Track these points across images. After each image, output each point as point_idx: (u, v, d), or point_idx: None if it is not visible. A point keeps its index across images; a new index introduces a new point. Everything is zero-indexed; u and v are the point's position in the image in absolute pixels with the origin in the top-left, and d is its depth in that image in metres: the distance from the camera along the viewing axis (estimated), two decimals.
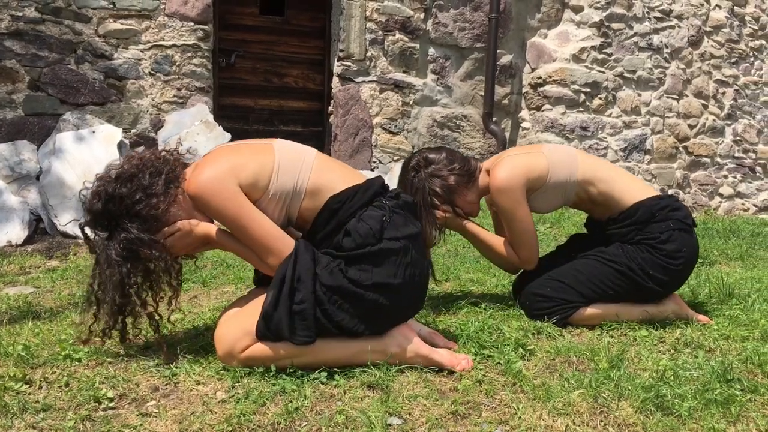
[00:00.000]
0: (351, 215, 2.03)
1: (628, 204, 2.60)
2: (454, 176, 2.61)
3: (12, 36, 5.21)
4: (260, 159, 2.03)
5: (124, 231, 1.98)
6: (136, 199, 1.98)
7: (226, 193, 1.94)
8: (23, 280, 3.45)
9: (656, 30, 6.94)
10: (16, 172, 4.97)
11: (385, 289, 1.96)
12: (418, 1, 6.24)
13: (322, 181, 2.05)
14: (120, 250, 1.98)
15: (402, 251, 2.00)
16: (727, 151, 7.37)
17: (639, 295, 2.57)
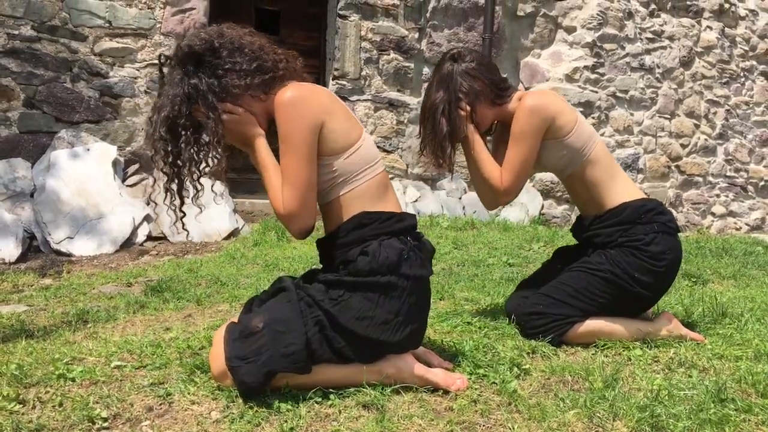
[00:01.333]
0: (374, 237, 2.02)
1: (616, 203, 2.61)
2: (487, 85, 2.57)
3: (8, 54, 5.23)
4: (351, 128, 2.03)
5: (198, 80, 1.99)
6: (229, 68, 2.00)
7: (304, 116, 1.94)
8: (16, 299, 3.44)
9: (648, 50, 7.01)
10: (11, 190, 4.96)
11: (385, 325, 1.96)
12: (413, 21, 6.30)
13: (371, 193, 2.06)
14: (184, 92, 1.99)
15: (409, 290, 2.00)
16: (719, 171, 7.42)
17: (628, 302, 2.57)
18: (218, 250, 4.87)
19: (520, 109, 2.55)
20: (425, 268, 2.07)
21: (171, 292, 3.44)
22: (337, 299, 1.95)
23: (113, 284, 3.77)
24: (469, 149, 2.65)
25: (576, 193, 2.74)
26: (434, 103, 2.55)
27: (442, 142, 2.55)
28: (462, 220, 5.69)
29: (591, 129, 2.68)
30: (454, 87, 2.54)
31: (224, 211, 5.34)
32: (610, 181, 2.62)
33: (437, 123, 2.53)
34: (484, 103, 2.59)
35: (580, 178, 2.65)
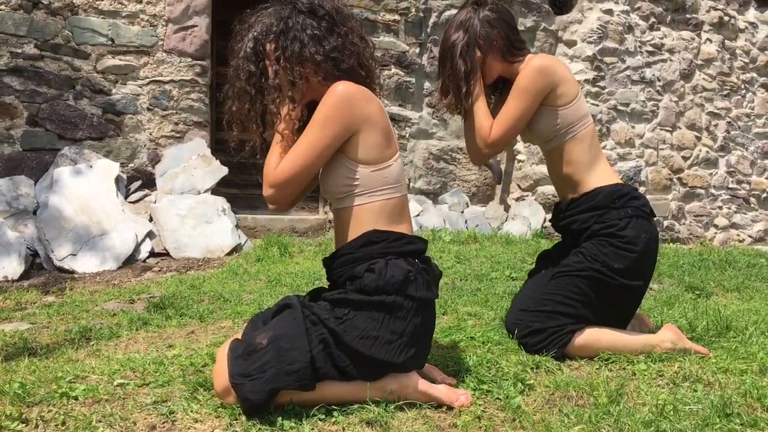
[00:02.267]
0: (382, 255, 2.03)
1: (591, 186, 2.61)
2: (502, 37, 2.59)
3: (11, 72, 5.26)
4: (385, 146, 2.06)
5: (277, 41, 2.05)
6: (308, 41, 2.05)
7: (345, 115, 1.98)
8: (19, 316, 3.44)
9: (648, 63, 7.03)
10: (14, 207, 4.97)
11: (389, 345, 1.96)
12: (413, 36, 6.33)
13: (386, 213, 2.07)
14: (278, 27, 2.07)
15: (414, 312, 2.00)
16: (721, 183, 7.42)
17: (617, 297, 2.55)
18: (221, 266, 4.87)
19: (527, 66, 2.58)
20: (431, 291, 2.07)
21: (174, 308, 3.44)
22: (342, 318, 1.95)
23: (116, 301, 3.77)
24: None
25: (555, 170, 2.74)
26: (454, 44, 2.57)
27: (459, 81, 2.57)
28: (464, 234, 5.69)
29: (587, 109, 2.70)
30: (473, 30, 2.56)
31: (227, 226, 5.34)
32: (590, 164, 2.63)
33: (455, 63, 2.56)
34: (495, 54, 2.61)
35: (562, 153, 2.66)
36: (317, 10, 2.08)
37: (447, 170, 6.58)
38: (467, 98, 2.60)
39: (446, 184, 6.61)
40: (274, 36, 2.07)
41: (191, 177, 5.51)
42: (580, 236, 2.65)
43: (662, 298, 3.70)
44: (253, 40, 2.10)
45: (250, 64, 2.10)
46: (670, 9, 7.11)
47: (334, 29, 2.08)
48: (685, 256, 5.46)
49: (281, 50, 2.06)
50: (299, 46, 2.05)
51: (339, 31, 2.09)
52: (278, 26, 2.07)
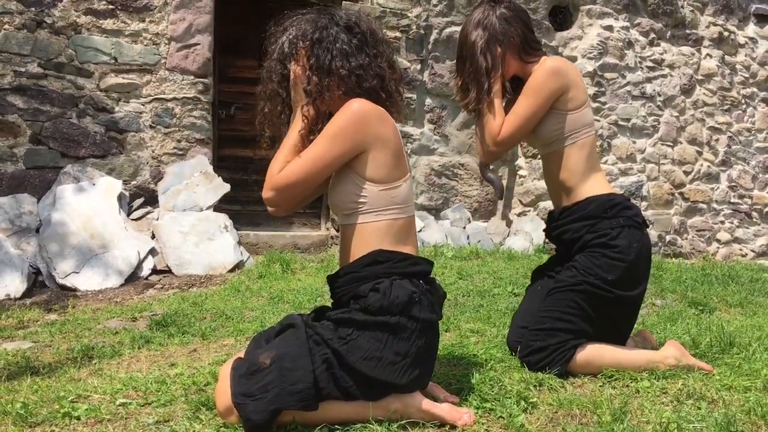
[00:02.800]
0: (386, 275, 2.03)
1: (584, 195, 2.62)
2: (519, 35, 2.61)
3: (14, 91, 5.29)
4: (395, 166, 2.07)
5: (327, 38, 2.08)
6: (347, 53, 2.08)
7: (355, 133, 2.00)
8: (22, 335, 3.44)
9: (649, 79, 7.06)
10: (16, 225, 4.98)
11: (393, 366, 1.95)
12: (414, 53, 6.36)
13: (392, 233, 2.07)
14: (284, 52, 2.12)
15: (418, 333, 1.99)
16: (723, 197, 7.42)
17: (615, 310, 2.55)
18: (223, 282, 4.87)
19: (541, 66, 2.59)
20: (435, 313, 2.07)
21: (176, 326, 3.44)
22: (346, 338, 1.95)
23: (118, 319, 3.77)
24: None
25: (550, 175, 2.74)
26: (474, 42, 2.59)
27: (481, 78, 2.58)
28: (466, 250, 5.69)
29: (592, 119, 2.71)
30: (492, 27, 2.58)
31: (229, 243, 5.35)
32: (585, 173, 2.64)
33: (477, 60, 2.58)
34: (512, 51, 2.62)
35: (560, 158, 2.66)
36: (353, 27, 2.12)
37: (449, 186, 6.59)
38: (488, 94, 2.60)
39: (448, 199, 6.62)
40: (310, 43, 2.09)
41: (193, 194, 5.53)
42: (572, 246, 2.65)
43: (665, 314, 3.70)
44: (288, 43, 2.13)
45: (283, 66, 2.14)
46: (670, 25, 7.14)
47: (363, 48, 2.11)
48: (688, 271, 5.45)
49: (315, 58, 2.08)
50: (330, 57, 2.07)
51: (368, 52, 2.11)
52: (314, 34, 2.09)
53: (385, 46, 2.17)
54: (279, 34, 2.17)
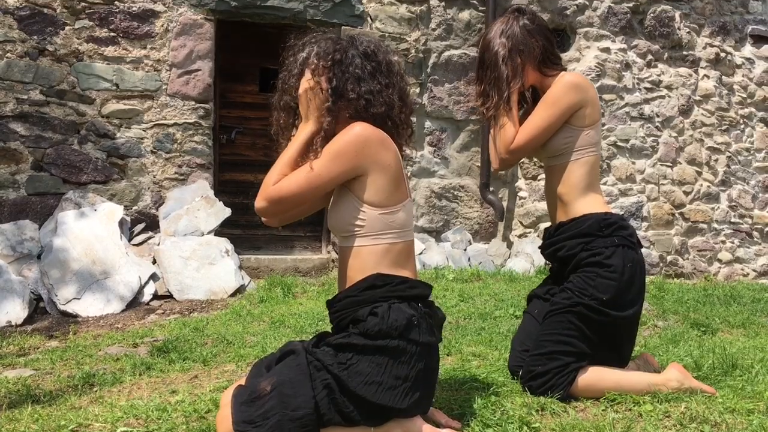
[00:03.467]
0: (385, 299, 2.03)
1: (581, 212, 2.63)
2: (539, 47, 2.63)
3: (17, 118, 5.33)
4: (394, 190, 2.09)
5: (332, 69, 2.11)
6: (359, 78, 2.10)
7: (353, 157, 2.02)
8: (23, 362, 3.43)
9: (647, 100, 7.10)
10: (18, 252, 4.99)
11: (393, 390, 1.95)
12: (413, 77, 6.40)
13: (391, 257, 2.08)
14: (333, 57, 2.12)
15: (417, 356, 2.00)
16: (724, 217, 7.42)
17: (609, 329, 2.54)
18: (224, 307, 4.86)
19: (561, 79, 2.62)
20: (434, 336, 2.08)
21: (177, 352, 3.43)
22: (346, 363, 1.95)
23: (119, 345, 3.77)
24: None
25: (551, 187, 2.76)
26: (496, 52, 2.63)
27: (501, 86, 2.61)
28: (467, 272, 5.69)
29: (600, 139, 2.74)
30: (515, 38, 2.62)
31: (230, 268, 5.35)
32: (585, 190, 2.66)
33: (499, 69, 2.61)
34: (532, 63, 2.65)
35: (563, 172, 2.68)
36: (370, 54, 2.15)
37: (449, 208, 6.61)
38: (507, 102, 2.63)
39: (449, 221, 6.63)
40: (328, 62, 2.12)
41: (194, 219, 5.54)
42: (566, 264, 2.66)
43: (668, 336, 3.69)
44: (307, 57, 2.16)
45: (299, 80, 2.17)
46: (667, 46, 7.19)
47: (376, 75, 2.13)
48: (690, 291, 5.44)
49: (330, 78, 2.10)
50: (344, 80, 2.10)
51: (380, 80, 2.13)
52: (334, 54, 2.12)
53: (399, 78, 2.19)
54: (299, 48, 2.20)
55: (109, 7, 5.54)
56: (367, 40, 2.19)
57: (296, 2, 6.01)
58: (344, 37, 2.20)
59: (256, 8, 5.93)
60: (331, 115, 2.09)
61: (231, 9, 5.88)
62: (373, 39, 2.23)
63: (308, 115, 2.13)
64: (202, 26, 5.79)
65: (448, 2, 6.50)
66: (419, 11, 6.39)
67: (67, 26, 5.46)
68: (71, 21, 5.47)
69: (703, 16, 7.34)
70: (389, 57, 2.19)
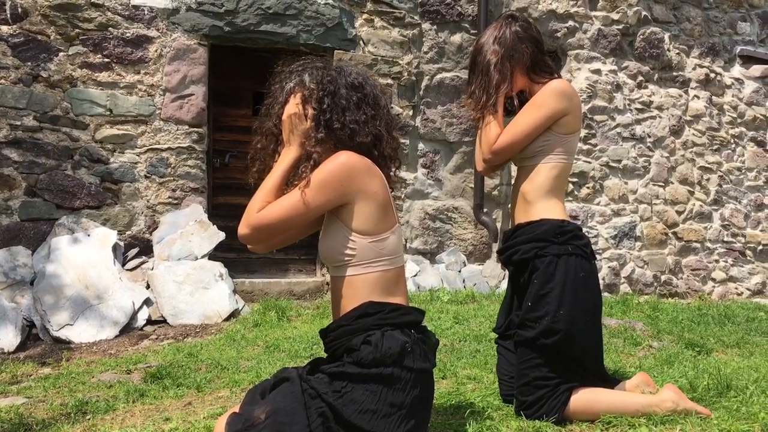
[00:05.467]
0: (377, 327, 2.03)
1: (540, 215, 2.66)
2: (529, 53, 2.68)
3: (10, 144, 5.33)
4: (382, 218, 2.09)
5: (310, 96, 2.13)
6: (344, 108, 2.12)
7: (338, 186, 2.03)
8: (15, 390, 3.41)
9: (638, 120, 7.15)
10: (11, 278, 4.97)
11: (388, 418, 1.95)
12: (407, 99, 6.45)
13: (382, 284, 2.09)
14: (320, 84, 2.15)
15: (412, 383, 2.00)
16: (717, 236, 7.46)
17: (573, 346, 2.54)
18: (218, 332, 4.84)
19: (549, 85, 2.67)
20: (428, 361, 2.08)
21: (171, 378, 3.41)
22: (340, 391, 1.95)
23: (113, 372, 3.74)
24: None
25: (516, 186, 2.79)
26: (488, 56, 2.68)
27: (490, 89, 2.67)
28: (462, 294, 5.69)
29: (575, 150, 2.78)
30: (506, 43, 2.67)
31: (224, 292, 5.34)
32: (548, 193, 2.68)
33: (489, 73, 2.67)
34: (521, 68, 2.70)
35: (531, 173, 2.71)
36: (357, 86, 2.17)
37: (443, 229, 6.62)
38: (494, 105, 2.69)
39: (443, 243, 6.64)
40: (315, 92, 2.13)
41: (188, 243, 5.53)
42: (521, 269, 2.67)
43: (662, 357, 3.68)
44: (294, 86, 2.18)
45: (283, 107, 2.18)
46: (657, 68, 7.27)
47: (362, 106, 2.15)
48: (684, 311, 5.45)
49: (316, 108, 2.12)
50: (330, 110, 2.12)
51: (366, 111, 2.15)
52: (320, 84, 2.14)
53: (385, 112, 2.22)
54: (286, 76, 2.22)
55: (103, 33, 5.58)
56: (355, 72, 2.21)
57: (289, 27, 6.05)
58: (333, 67, 2.22)
59: (249, 33, 5.98)
60: (320, 145, 2.10)
61: (224, 34, 5.92)
62: (360, 71, 2.25)
63: (291, 141, 2.15)
64: (195, 51, 5.82)
65: (440, 26, 6.56)
66: (411, 35, 6.45)
67: (61, 52, 5.48)
68: (65, 47, 5.49)
69: (692, 38, 7.43)
70: (376, 91, 2.21)
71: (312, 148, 2.10)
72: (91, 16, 5.54)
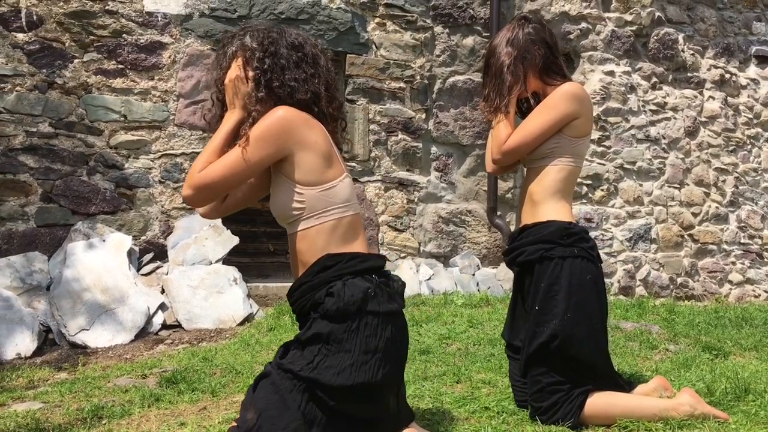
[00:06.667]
0: (338, 277, 2.07)
1: (547, 216, 2.65)
2: (541, 55, 2.69)
3: (26, 151, 5.38)
4: (325, 167, 2.12)
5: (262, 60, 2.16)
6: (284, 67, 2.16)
7: (275, 139, 2.06)
8: (32, 395, 3.43)
9: (652, 122, 7.11)
10: (27, 284, 5.01)
11: (365, 365, 1.99)
12: (419, 103, 6.44)
13: (338, 233, 2.11)
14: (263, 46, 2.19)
15: (382, 325, 2.04)
16: (733, 238, 7.39)
17: (580, 349, 2.53)
18: (233, 336, 4.85)
19: (561, 88, 2.67)
20: (394, 302, 2.12)
21: (186, 383, 3.42)
22: (313, 361, 1.99)
23: (128, 376, 3.76)
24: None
25: (525, 187, 2.80)
26: (501, 59, 2.70)
27: (503, 91, 2.69)
28: (476, 297, 5.67)
29: (585, 154, 2.78)
30: (518, 45, 2.68)
31: (238, 296, 5.35)
32: (556, 195, 2.68)
33: (502, 75, 2.69)
34: (533, 70, 2.71)
35: (540, 172, 2.71)
36: (297, 46, 2.21)
37: (457, 233, 6.60)
38: (506, 107, 2.70)
39: (456, 246, 6.62)
40: (256, 53, 2.17)
41: (202, 247, 5.56)
42: (527, 272, 2.66)
43: (679, 360, 3.66)
44: (235, 50, 2.22)
45: (227, 72, 2.24)
46: (671, 69, 7.22)
47: (301, 65, 2.19)
48: (701, 314, 5.40)
49: (256, 69, 2.16)
50: (270, 70, 2.15)
51: (306, 70, 2.19)
52: (261, 46, 2.18)
53: (325, 71, 2.25)
54: (228, 40, 2.27)
55: (117, 40, 5.61)
56: (295, 33, 2.26)
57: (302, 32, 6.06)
58: (274, 28, 2.26)
59: None
60: (260, 104, 2.14)
61: None
62: (301, 33, 2.30)
63: (234, 104, 2.19)
64: (209, 57, 5.85)
65: (452, 29, 6.56)
66: (424, 38, 6.45)
67: (76, 59, 5.53)
68: (80, 54, 5.54)
69: (706, 38, 7.38)
70: (316, 51, 2.26)
71: (252, 107, 2.15)
72: (106, 23, 5.59)
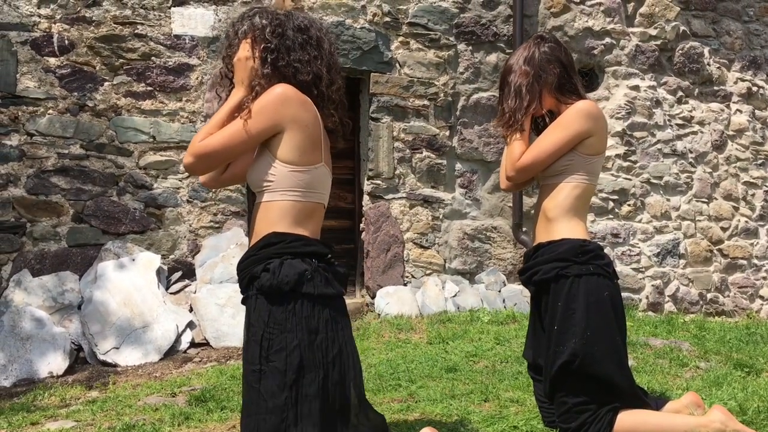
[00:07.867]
0: (278, 256, 2.14)
1: (561, 234, 2.65)
2: (557, 75, 2.71)
3: (58, 172, 5.49)
4: (309, 150, 2.19)
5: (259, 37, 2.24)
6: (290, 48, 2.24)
7: (273, 114, 2.15)
8: (64, 414, 3.48)
9: (679, 136, 7.06)
10: (59, 303, 5.10)
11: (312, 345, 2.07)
12: (443, 120, 6.47)
13: (293, 214, 2.18)
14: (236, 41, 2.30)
15: (320, 306, 2.11)
16: (764, 252, 7.29)
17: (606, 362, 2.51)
18: None
19: (575, 106, 2.68)
20: (332, 287, 2.17)
21: (215, 401, 3.45)
22: (267, 349, 2.08)
23: (158, 395, 3.80)
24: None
25: (540, 202, 2.80)
26: (518, 78, 2.73)
27: (520, 109, 2.71)
28: (503, 314, 5.65)
29: (599, 172, 2.79)
30: (535, 64, 2.71)
31: None
32: (570, 212, 2.68)
33: (518, 94, 2.72)
34: (547, 89, 2.73)
35: (554, 191, 2.71)
36: (303, 29, 2.29)
37: (482, 249, 6.60)
38: (521, 124, 2.72)
39: (482, 263, 6.61)
40: (267, 34, 2.24)
41: (230, 266, 5.61)
42: (543, 291, 2.65)
43: (710, 378, 3.61)
44: (245, 30, 2.29)
45: (236, 51, 2.31)
46: (697, 82, 7.18)
47: (306, 47, 2.27)
48: (732, 330, 5.33)
49: (263, 49, 2.24)
50: (276, 50, 2.24)
51: (309, 51, 2.27)
52: (269, 27, 2.25)
53: (328, 54, 2.33)
54: (238, 21, 2.34)
55: (146, 63, 5.72)
56: (302, 16, 2.33)
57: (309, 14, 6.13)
58: (281, 11, 2.33)
59: None
60: (264, 80, 2.21)
61: None
62: (308, 16, 2.37)
63: (241, 82, 2.26)
64: None
65: (475, 46, 6.59)
66: (447, 56, 6.48)
67: (106, 82, 5.64)
68: (110, 77, 5.65)
69: (732, 51, 7.33)
70: (321, 34, 2.32)
71: (257, 82, 2.22)
72: (135, 46, 5.70)
